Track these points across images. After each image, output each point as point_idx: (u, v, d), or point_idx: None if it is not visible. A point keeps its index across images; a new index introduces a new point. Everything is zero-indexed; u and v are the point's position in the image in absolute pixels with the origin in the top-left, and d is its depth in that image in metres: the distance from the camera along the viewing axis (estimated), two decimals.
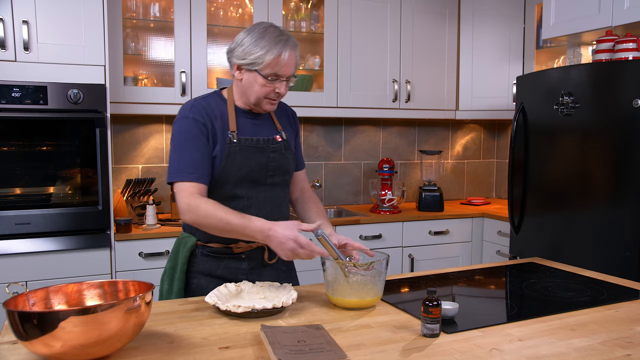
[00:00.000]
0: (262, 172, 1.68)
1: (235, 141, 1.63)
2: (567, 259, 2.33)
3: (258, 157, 1.66)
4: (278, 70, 1.59)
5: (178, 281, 1.68)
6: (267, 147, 1.68)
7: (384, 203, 3.38)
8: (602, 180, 2.44)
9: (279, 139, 1.72)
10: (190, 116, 1.62)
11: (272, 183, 1.70)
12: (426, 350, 1.18)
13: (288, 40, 1.60)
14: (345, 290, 1.44)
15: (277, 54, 1.57)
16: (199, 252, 1.70)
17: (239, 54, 1.62)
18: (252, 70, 1.61)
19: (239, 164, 1.63)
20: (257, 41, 1.59)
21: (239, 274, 1.69)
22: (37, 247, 2.44)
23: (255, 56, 1.58)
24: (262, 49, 1.57)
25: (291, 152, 1.76)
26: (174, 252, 1.73)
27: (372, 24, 3.37)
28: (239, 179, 1.64)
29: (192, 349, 1.17)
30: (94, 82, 2.51)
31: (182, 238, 1.73)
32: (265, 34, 1.59)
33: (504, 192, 4.06)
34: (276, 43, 1.57)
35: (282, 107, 1.85)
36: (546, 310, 1.45)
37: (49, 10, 2.43)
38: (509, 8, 3.51)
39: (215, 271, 1.69)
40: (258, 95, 1.63)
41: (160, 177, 3.22)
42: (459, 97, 3.66)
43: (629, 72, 2.32)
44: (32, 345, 1.03)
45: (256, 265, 1.71)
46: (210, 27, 3.03)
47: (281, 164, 1.71)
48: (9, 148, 2.45)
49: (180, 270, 1.68)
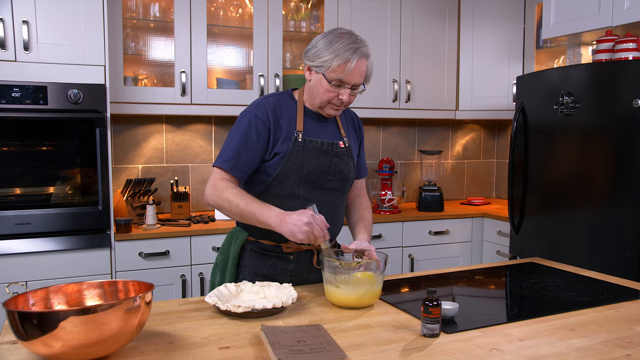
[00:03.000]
0: (322, 175, 1.68)
1: (300, 140, 1.65)
2: (567, 259, 2.33)
3: (320, 160, 1.67)
4: (343, 76, 1.59)
5: (230, 275, 1.70)
6: (331, 150, 1.69)
7: (384, 203, 3.38)
8: (602, 181, 2.44)
9: (342, 145, 1.73)
10: (254, 112, 1.65)
11: (331, 188, 1.71)
12: (426, 350, 1.18)
13: (358, 50, 1.59)
14: (343, 289, 1.44)
15: (344, 60, 1.57)
16: (248, 248, 1.72)
17: (310, 55, 1.64)
18: (319, 73, 1.62)
19: (300, 164, 1.65)
20: (329, 45, 1.59)
21: (284, 274, 1.71)
22: (37, 247, 2.44)
23: (323, 59, 1.59)
24: (332, 54, 1.58)
25: (352, 160, 1.77)
26: (226, 245, 1.75)
27: (372, 24, 3.37)
28: (298, 179, 1.65)
29: (192, 349, 1.17)
30: (94, 82, 2.51)
31: (234, 232, 1.76)
32: (339, 39, 1.59)
33: (504, 192, 4.06)
34: (346, 50, 1.57)
35: (349, 113, 1.87)
36: (546, 310, 1.45)
37: (49, 10, 2.43)
38: (509, 8, 3.51)
39: (262, 269, 1.70)
40: (322, 99, 1.65)
41: (160, 177, 3.22)
42: (459, 97, 3.66)
43: (629, 72, 2.32)
44: (32, 345, 1.03)
45: (303, 269, 1.72)
46: (210, 27, 3.03)
47: (342, 169, 1.72)
48: (9, 148, 2.45)
49: (231, 264, 1.71)
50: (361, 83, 1.64)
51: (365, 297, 1.45)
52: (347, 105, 1.68)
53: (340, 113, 1.71)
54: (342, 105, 1.66)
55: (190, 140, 3.29)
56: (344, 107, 1.69)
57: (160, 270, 2.68)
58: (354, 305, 1.45)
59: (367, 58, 1.62)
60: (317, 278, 1.74)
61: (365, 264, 1.49)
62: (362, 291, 1.44)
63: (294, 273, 1.72)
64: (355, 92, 1.65)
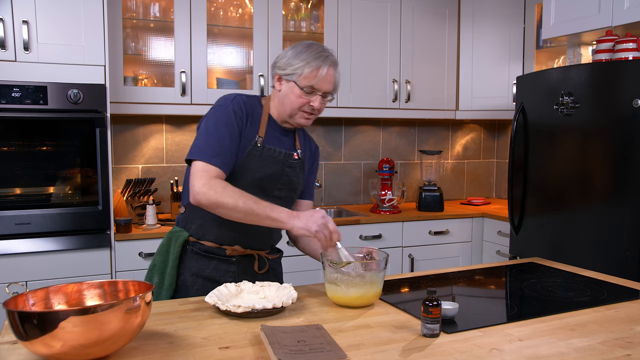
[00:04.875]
0: (273, 184, 1.69)
1: (259, 146, 1.66)
2: (567, 259, 2.33)
3: (274, 168, 1.68)
4: (315, 83, 1.62)
5: (169, 276, 1.67)
6: (285, 160, 1.71)
7: (384, 203, 3.38)
8: (602, 180, 2.44)
9: (296, 156, 1.74)
10: (231, 107, 1.64)
11: (278, 196, 1.71)
12: (426, 350, 1.18)
13: (328, 57, 1.64)
14: (343, 288, 1.44)
15: (315, 67, 1.61)
16: (189, 249, 1.70)
17: (281, 64, 1.66)
18: (290, 81, 1.64)
19: (253, 168, 1.65)
20: (299, 54, 1.63)
21: (227, 276, 1.69)
22: (37, 247, 2.44)
23: (295, 67, 1.62)
24: (303, 61, 1.62)
25: (303, 173, 1.78)
26: (165, 246, 1.71)
27: (372, 24, 3.37)
28: (249, 183, 1.65)
29: (192, 349, 1.17)
30: (94, 82, 2.51)
31: (174, 232, 1.72)
32: (308, 48, 1.64)
33: (504, 192, 4.06)
34: (316, 58, 1.62)
35: (308, 137, 1.88)
36: (546, 310, 1.45)
37: (49, 10, 2.43)
38: (509, 8, 3.51)
39: (204, 271, 1.68)
40: (293, 107, 1.66)
41: (160, 177, 3.22)
42: (459, 97, 3.66)
43: (629, 72, 2.31)
44: (32, 345, 1.03)
45: (245, 271, 1.71)
46: (210, 27, 3.03)
47: (292, 180, 1.73)
48: (9, 148, 2.45)
49: (171, 265, 1.67)
50: (331, 91, 1.67)
51: (366, 296, 1.45)
52: (318, 114, 1.70)
53: (310, 123, 1.72)
54: (314, 112, 1.68)
55: (190, 140, 3.29)
56: (314, 117, 1.71)
57: None
58: (352, 304, 1.46)
59: (336, 67, 1.67)
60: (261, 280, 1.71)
61: (366, 263, 1.49)
62: (363, 291, 1.44)
63: (236, 274, 1.70)
64: (325, 101, 1.68)
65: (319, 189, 3.62)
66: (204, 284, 1.67)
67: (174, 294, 1.69)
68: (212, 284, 1.66)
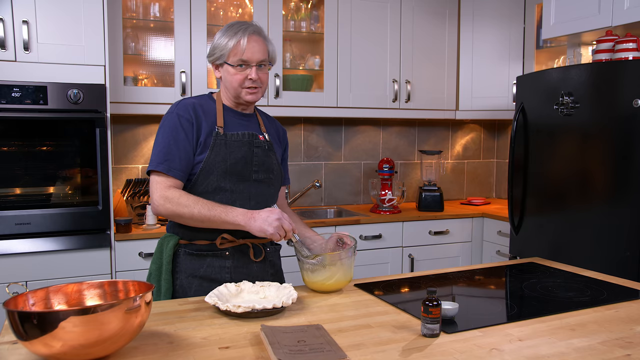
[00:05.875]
0: (247, 167, 1.70)
1: (222, 134, 1.67)
2: (567, 259, 2.33)
3: (242, 151, 1.69)
4: (242, 55, 1.65)
5: (165, 282, 1.67)
6: (252, 141, 1.71)
7: (384, 203, 3.38)
8: (602, 180, 2.44)
9: (261, 138, 1.75)
10: (175, 112, 1.67)
11: (257, 179, 1.72)
12: (426, 350, 1.18)
13: (248, 28, 1.67)
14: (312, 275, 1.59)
15: (236, 40, 1.64)
16: (181, 252, 1.70)
17: (210, 52, 1.71)
18: (222, 64, 1.68)
19: (223, 156, 1.66)
20: (221, 35, 1.68)
21: (223, 272, 1.69)
22: (37, 247, 2.44)
23: (220, 48, 1.67)
24: (225, 39, 1.66)
25: (274, 155, 1.79)
26: (158, 253, 1.72)
27: (372, 24, 3.37)
28: (223, 171, 1.66)
29: (192, 349, 1.17)
30: (94, 82, 2.51)
31: (165, 238, 1.74)
32: (228, 28, 1.68)
33: (504, 192, 4.06)
34: (235, 32, 1.66)
35: (272, 120, 1.90)
36: (546, 310, 1.45)
37: (49, 10, 2.43)
38: (509, 8, 3.51)
39: (198, 270, 1.68)
40: (234, 86, 1.68)
41: None
42: (459, 97, 3.66)
43: (629, 72, 2.32)
44: (32, 345, 1.03)
45: (240, 264, 1.70)
46: (210, 27, 3.03)
47: (264, 160, 1.74)
48: (9, 148, 2.45)
49: (165, 270, 1.68)
50: (264, 60, 1.69)
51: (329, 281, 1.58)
52: (263, 85, 1.71)
53: (258, 97, 1.73)
54: (257, 85, 1.69)
55: None
56: (260, 90, 1.71)
57: None
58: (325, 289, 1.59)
59: (260, 35, 1.69)
60: (258, 271, 1.73)
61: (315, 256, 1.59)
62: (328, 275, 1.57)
63: (232, 269, 1.69)
64: (264, 70, 1.70)
65: (319, 189, 3.62)
66: (200, 284, 1.67)
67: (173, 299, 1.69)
68: (208, 283, 1.66)
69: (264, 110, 1.93)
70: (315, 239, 1.75)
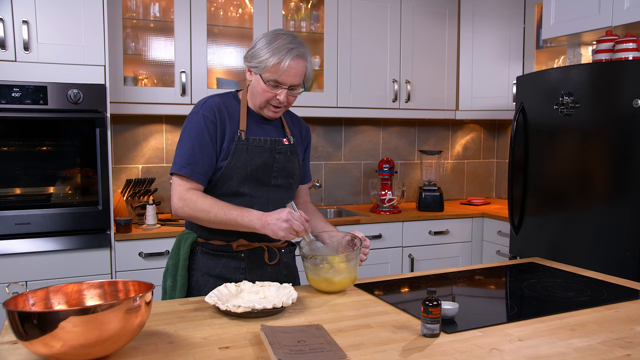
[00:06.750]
0: (267, 173, 1.69)
1: (244, 139, 1.66)
2: (567, 259, 2.33)
3: (264, 157, 1.68)
4: (277, 77, 1.59)
5: (181, 278, 1.69)
6: (274, 148, 1.70)
7: (384, 203, 3.38)
8: (602, 180, 2.44)
9: (285, 142, 1.73)
10: (201, 112, 1.65)
11: (276, 185, 1.72)
12: (426, 350, 1.18)
13: (294, 49, 1.58)
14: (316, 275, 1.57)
15: (277, 60, 1.57)
16: (199, 250, 1.71)
17: (249, 55, 1.65)
18: (257, 74, 1.63)
19: (244, 162, 1.65)
20: (266, 45, 1.59)
21: (238, 273, 1.70)
22: (37, 247, 2.43)
23: (259, 60, 1.60)
24: (267, 53, 1.58)
25: (297, 157, 1.78)
26: (175, 249, 1.74)
27: (372, 24, 3.37)
28: (243, 177, 1.66)
29: (192, 349, 1.17)
30: (94, 82, 2.51)
31: (183, 234, 1.75)
32: (276, 39, 1.59)
33: (504, 192, 4.06)
34: (281, 50, 1.57)
35: (296, 119, 1.87)
36: (546, 310, 1.45)
37: (49, 10, 2.43)
38: (509, 8, 3.51)
39: (214, 270, 1.70)
40: (260, 100, 1.66)
41: (160, 177, 3.22)
42: (459, 97, 3.66)
43: (629, 72, 2.32)
44: (32, 345, 1.03)
45: (255, 265, 1.72)
46: (210, 27, 3.03)
47: (285, 165, 1.72)
48: (9, 148, 2.45)
49: (182, 267, 1.69)
50: (299, 84, 1.64)
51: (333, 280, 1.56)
52: (288, 106, 1.69)
53: (279, 115, 1.72)
54: (282, 106, 1.67)
55: None
56: (284, 109, 1.70)
57: (160, 270, 2.67)
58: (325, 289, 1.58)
59: (304, 58, 1.62)
60: (271, 273, 1.74)
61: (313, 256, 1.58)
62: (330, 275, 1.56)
63: (247, 270, 1.70)
64: (294, 93, 1.65)
65: (319, 189, 3.62)
66: (215, 283, 1.67)
67: (188, 295, 1.71)
68: (223, 282, 1.66)
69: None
70: (334, 235, 1.73)
